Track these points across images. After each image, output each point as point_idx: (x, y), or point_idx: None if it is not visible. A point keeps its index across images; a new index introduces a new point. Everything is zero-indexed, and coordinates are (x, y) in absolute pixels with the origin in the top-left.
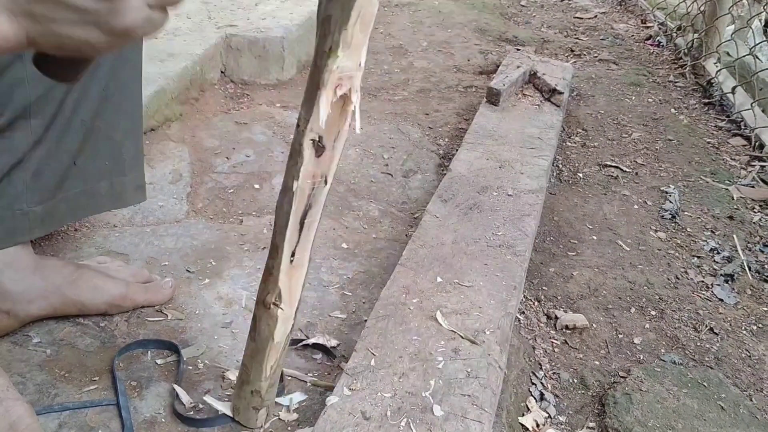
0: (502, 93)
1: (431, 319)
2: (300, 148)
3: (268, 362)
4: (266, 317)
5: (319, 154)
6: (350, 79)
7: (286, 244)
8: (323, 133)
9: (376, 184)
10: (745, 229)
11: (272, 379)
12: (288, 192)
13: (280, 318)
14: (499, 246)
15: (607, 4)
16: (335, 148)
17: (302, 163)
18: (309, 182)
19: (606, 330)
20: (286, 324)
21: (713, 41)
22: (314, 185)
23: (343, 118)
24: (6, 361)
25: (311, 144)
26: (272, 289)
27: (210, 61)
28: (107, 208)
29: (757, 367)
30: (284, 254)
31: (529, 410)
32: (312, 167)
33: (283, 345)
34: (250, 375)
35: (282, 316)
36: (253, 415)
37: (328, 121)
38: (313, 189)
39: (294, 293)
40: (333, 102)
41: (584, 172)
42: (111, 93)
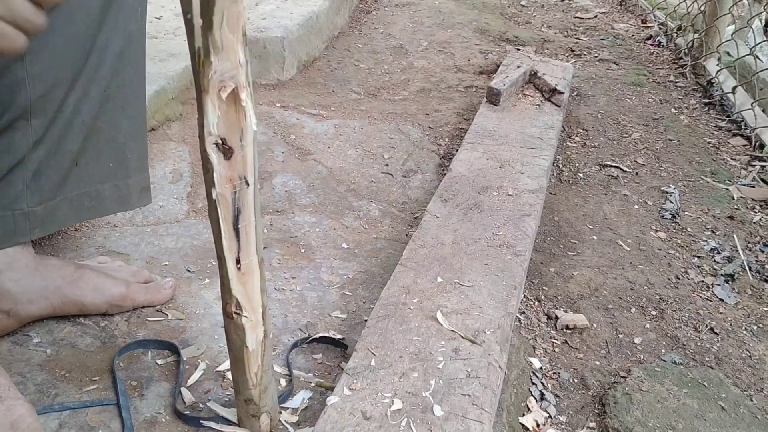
0: (503, 93)
1: (431, 319)
2: (206, 155)
3: (250, 370)
4: (233, 327)
5: (228, 156)
6: (233, 78)
7: (226, 252)
8: (225, 135)
9: (376, 184)
10: (746, 229)
11: (262, 386)
12: (211, 201)
13: (247, 326)
14: (500, 246)
15: (608, 4)
16: (245, 147)
17: (213, 169)
18: (228, 187)
19: (606, 330)
20: (255, 331)
21: (713, 41)
22: (235, 189)
23: (241, 115)
24: (6, 360)
25: (216, 148)
26: (229, 299)
27: None
28: (112, 210)
29: (757, 367)
30: (229, 263)
31: (530, 410)
32: (226, 171)
33: (260, 352)
34: (239, 385)
35: (248, 323)
36: (255, 422)
37: (226, 122)
38: (235, 193)
39: (253, 299)
40: (222, 103)
41: (584, 172)
42: (113, 93)
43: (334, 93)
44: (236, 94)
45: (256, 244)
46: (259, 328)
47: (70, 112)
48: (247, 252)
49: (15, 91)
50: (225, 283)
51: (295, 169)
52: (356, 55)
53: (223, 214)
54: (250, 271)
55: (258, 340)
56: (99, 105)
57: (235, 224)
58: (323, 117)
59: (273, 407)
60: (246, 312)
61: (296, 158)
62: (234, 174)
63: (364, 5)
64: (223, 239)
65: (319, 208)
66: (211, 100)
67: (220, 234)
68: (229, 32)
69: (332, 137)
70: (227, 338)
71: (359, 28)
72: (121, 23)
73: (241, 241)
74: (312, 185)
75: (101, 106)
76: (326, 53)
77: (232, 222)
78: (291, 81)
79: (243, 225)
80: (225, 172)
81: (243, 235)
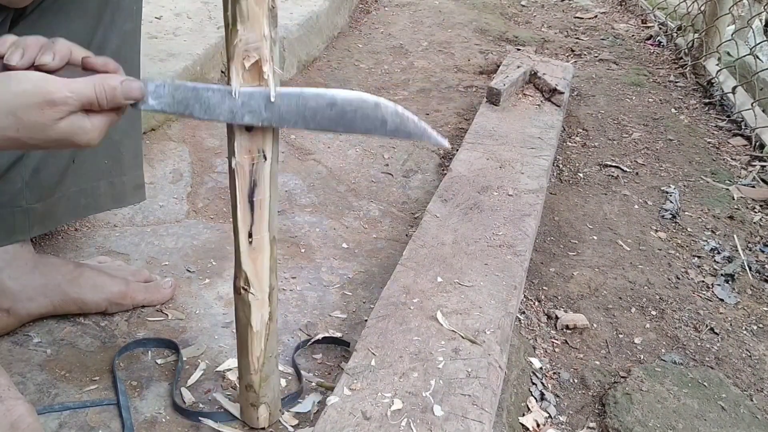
0: (503, 93)
1: (432, 318)
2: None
3: (253, 353)
4: (240, 304)
5: (249, 128)
6: (257, 49)
7: (240, 225)
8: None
9: (376, 183)
10: (746, 229)
11: (263, 373)
12: (230, 170)
13: (253, 304)
14: (500, 246)
15: (608, 4)
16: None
17: (234, 139)
18: (246, 158)
19: (606, 330)
20: (261, 310)
21: (714, 41)
22: (253, 161)
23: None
24: (6, 360)
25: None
26: (239, 273)
27: (210, 60)
28: (107, 207)
29: (757, 367)
30: (241, 236)
31: (530, 410)
32: (246, 143)
33: (264, 335)
34: (242, 369)
35: (254, 301)
36: (253, 413)
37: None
38: (253, 165)
39: (261, 277)
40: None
41: (585, 172)
42: None
43: None
44: (259, 66)
45: (269, 221)
46: (265, 307)
47: None
48: (259, 227)
49: None
50: (237, 257)
51: (295, 169)
52: (356, 55)
53: (239, 185)
54: (261, 247)
55: (263, 321)
56: None
57: (250, 196)
58: None
59: (274, 401)
60: (253, 289)
61: (296, 158)
62: (253, 146)
63: (364, 5)
64: (238, 210)
65: (319, 208)
66: (235, 68)
67: (236, 205)
68: (255, 4)
69: (332, 137)
70: (236, 317)
71: (359, 28)
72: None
73: (255, 214)
74: (312, 185)
75: None
76: (326, 53)
77: (247, 194)
78: (291, 81)
79: (258, 198)
80: (245, 143)
81: (257, 209)
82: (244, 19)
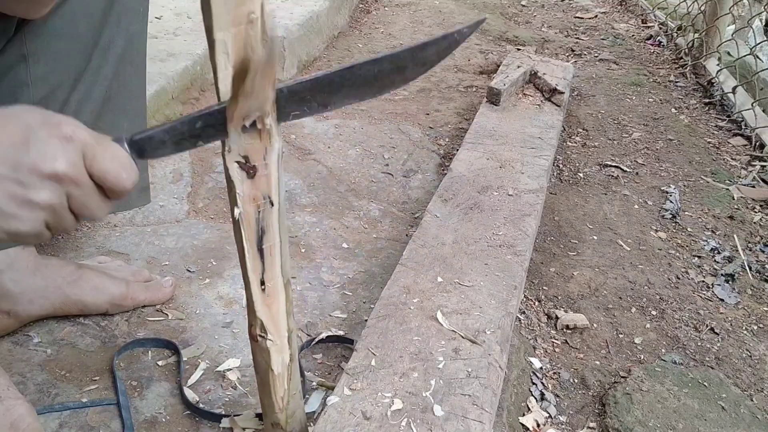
0: (503, 93)
1: (432, 318)
2: (229, 173)
3: (276, 394)
4: (258, 350)
5: (251, 175)
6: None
7: (251, 274)
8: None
9: (376, 183)
10: (746, 228)
11: (288, 410)
12: (234, 220)
13: (272, 350)
14: (500, 246)
15: (608, 4)
16: (269, 166)
17: (235, 188)
18: (251, 207)
19: (606, 330)
20: (281, 354)
21: (714, 41)
22: (259, 209)
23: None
24: (7, 360)
25: (237, 166)
26: (254, 322)
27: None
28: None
29: (757, 367)
30: (253, 285)
31: (530, 410)
32: (249, 190)
33: (286, 376)
34: (265, 408)
35: (273, 347)
36: None
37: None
38: (259, 213)
39: (278, 323)
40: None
41: (585, 171)
42: (114, 94)
43: None
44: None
45: (282, 266)
46: (285, 351)
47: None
48: (272, 273)
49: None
50: (250, 305)
51: (296, 168)
52: (356, 55)
53: (246, 235)
54: (275, 293)
55: (284, 364)
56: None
57: (259, 245)
58: (323, 117)
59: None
60: (271, 335)
61: (296, 158)
62: (258, 193)
63: (364, 5)
64: (247, 260)
65: (319, 207)
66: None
67: (244, 254)
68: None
69: (332, 137)
70: (253, 359)
71: (359, 28)
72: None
73: (266, 262)
74: (312, 185)
75: (103, 107)
76: (326, 53)
77: (256, 242)
78: None
79: (267, 246)
80: (248, 191)
81: (267, 256)
82: (248, 95)
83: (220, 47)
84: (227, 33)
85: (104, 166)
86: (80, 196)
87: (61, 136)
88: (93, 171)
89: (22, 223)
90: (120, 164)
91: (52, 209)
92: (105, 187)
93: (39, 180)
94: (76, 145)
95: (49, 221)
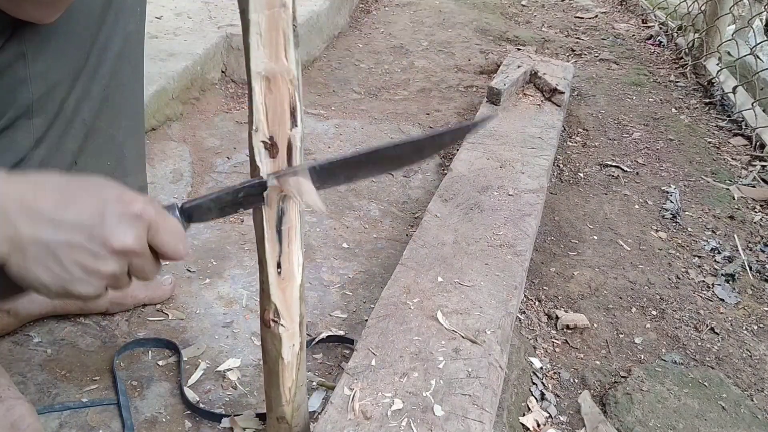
0: (503, 93)
1: (432, 318)
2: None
3: (284, 384)
4: (270, 336)
5: (274, 155)
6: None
7: (268, 255)
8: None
9: (376, 183)
10: (746, 228)
11: (295, 403)
12: None
13: (284, 335)
14: (500, 246)
15: (608, 4)
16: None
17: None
18: None
19: (607, 330)
20: (292, 341)
21: (714, 41)
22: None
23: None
24: (7, 360)
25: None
26: (268, 305)
27: (211, 60)
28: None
29: (758, 367)
30: (269, 267)
31: (530, 410)
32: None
33: (295, 365)
34: (271, 401)
35: (285, 333)
36: None
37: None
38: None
39: (291, 308)
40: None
41: (585, 171)
42: (112, 93)
43: (335, 93)
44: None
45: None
46: (296, 338)
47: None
48: (288, 256)
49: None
50: (264, 289)
51: None
52: (357, 54)
53: (267, 215)
54: (290, 276)
55: (294, 352)
56: (99, 104)
57: (278, 226)
58: (324, 117)
59: (305, 428)
60: (284, 320)
61: None
62: None
63: (364, 5)
64: (265, 241)
65: None
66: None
67: (263, 235)
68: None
69: (333, 137)
70: (263, 348)
71: (360, 28)
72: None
73: (283, 244)
74: None
75: (101, 105)
76: (326, 53)
77: (275, 223)
78: None
79: (286, 227)
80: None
81: (285, 238)
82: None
83: (254, 28)
84: (262, 15)
85: (164, 240)
86: (140, 264)
87: (132, 214)
88: (154, 243)
89: (86, 287)
90: (177, 237)
91: (115, 277)
92: (161, 255)
93: (108, 253)
94: (144, 222)
95: (108, 284)
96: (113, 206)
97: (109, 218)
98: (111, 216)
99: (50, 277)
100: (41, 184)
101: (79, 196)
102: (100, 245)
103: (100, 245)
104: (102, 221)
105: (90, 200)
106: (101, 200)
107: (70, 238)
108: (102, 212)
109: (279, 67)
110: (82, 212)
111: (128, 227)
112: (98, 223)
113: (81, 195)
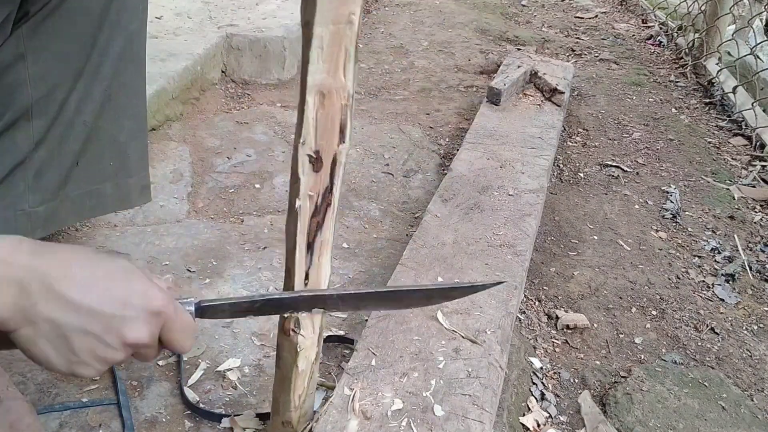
0: (503, 93)
1: (432, 318)
2: (297, 164)
3: (295, 392)
4: (287, 344)
5: (318, 169)
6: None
7: (297, 266)
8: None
9: (376, 183)
10: (746, 228)
11: (302, 410)
12: (292, 211)
13: (302, 346)
14: (500, 246)
15: (608, 4)
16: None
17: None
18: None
19: (607, 330)
20: (309, 352)
21: (714, 41)
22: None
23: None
24: (7, 360)
25: (307, 159)
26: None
27: (211, 60)
28: (113, 209)
29: (758, 367)
30: (297, 277)
31: (530, 410)
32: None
33: (308, 374)
34: (279, 405)
35: (303, 343)
36: None
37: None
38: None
39: (314, 319)
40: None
41: (585, 171)
42: (114, 94)
43: None
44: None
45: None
46: (313, 349)
47: (71, 112)
48: (317, 268)
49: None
50: None
51: None
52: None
53: (300, 227)
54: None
55: (309, 362)
56: (100, 105)
57: (310, 238)
58: None
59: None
60: (304, 331)
61: None
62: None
63: (364, 5)
64: (296, 251)
65: None
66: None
67: (294, 246)
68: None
69: None
70: (278, 355)
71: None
72: (122, 23)
73: (314, 256)
74: None
75: (102, 106)
76: None
77: (306, 235)
78: (292, 80)
79: (319, 240)
80: (311, 184)
81: (317, 251)
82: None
83: (316, 41)
84: (326, 29)
85: (176, 337)
86: (145, 353)
87: (151, 310)
88: (165, 339)
89: (88, 371)
90: (187, 334)
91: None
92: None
93: (120, 345)
94: (160, 320)
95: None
96: (136, 300)
97: (129, 312)
98: (132, 310)
99: (56, 357)
100: (68, 263)
101: (105, 282)
102: (114, 337)
103: (114, 337)
104: (122, 315)
105: (114, 290)
106: (125, 292)
107: (86, 325)
108: (124, 305)
109: (336, 84)
110: (103, 301)
111: (145, 324)
112: (118, 316)
113: (106, 282)
